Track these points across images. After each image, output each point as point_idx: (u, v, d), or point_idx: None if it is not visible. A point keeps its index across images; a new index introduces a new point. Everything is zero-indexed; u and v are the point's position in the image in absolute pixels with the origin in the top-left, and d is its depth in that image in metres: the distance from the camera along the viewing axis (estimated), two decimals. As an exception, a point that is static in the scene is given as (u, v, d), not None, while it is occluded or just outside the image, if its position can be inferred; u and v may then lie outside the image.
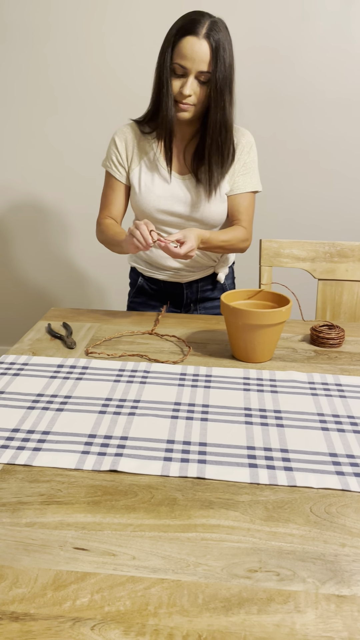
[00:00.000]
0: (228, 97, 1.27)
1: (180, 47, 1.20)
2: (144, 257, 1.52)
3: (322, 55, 2.13)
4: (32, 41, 2.20)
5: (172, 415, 0.93)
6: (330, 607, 0.57)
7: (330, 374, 1.10)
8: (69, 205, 2.45)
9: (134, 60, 2.19)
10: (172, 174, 1.39)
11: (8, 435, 0.86)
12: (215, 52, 1.20)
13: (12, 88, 2.28)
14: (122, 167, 1.41)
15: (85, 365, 1.11)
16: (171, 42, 1.22)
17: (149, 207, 1.39)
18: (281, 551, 0.64)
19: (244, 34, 2.10)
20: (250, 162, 1.40)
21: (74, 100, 2.28)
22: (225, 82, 1.24)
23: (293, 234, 2.37)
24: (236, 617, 0.55)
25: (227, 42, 1.22)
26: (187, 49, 1.19)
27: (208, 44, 1.19)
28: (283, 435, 0.88)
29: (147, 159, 1.40)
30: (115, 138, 1.41)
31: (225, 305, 1.11)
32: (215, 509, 0.71)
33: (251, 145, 1.40)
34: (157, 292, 1.57)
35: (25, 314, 2.68)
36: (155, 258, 1.48)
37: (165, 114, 1.29)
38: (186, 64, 1.21)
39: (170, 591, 0.58)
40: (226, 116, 1.29)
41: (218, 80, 1.22)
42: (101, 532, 0.67)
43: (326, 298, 1.62)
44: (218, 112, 1.27)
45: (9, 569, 0.61)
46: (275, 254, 1.62)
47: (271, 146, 2.26)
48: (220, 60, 1.20)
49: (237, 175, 1.39)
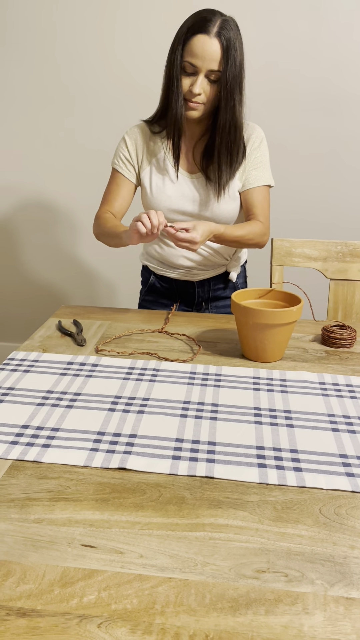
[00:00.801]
0: (238, 97, 1.26)
1: (191, 46, 1.20)
2: (156, 256, 1.52)
3: (337, 53, 2.11)
4: (40, 40, 2.21)
5: (181, 414, 0.93)
6: (339, 610, 0.56)
7: (342, 374, 1.09)
8: (80, 204, 2.46)
9: (143, 59, 2.19)
10: (182, 173, 1.39)
11: (17, 432, 0.86)
12: (226, 51, 1.19)
13: (22, 87, 2.29)
14: (130, 166, 1.42)
15: (95, 363, 1.12)
16: (182, 40, 1.21)
17: (160, 207, 1.39)
18: (290, 552, 0.64)
19: (256, 31, 2.09)
20: (261, 156, 1.39)
21: (84, 100, 2.28)
22: (236, 81, 1.23)
23: (305, 234, 2.35)
24: (243, 618, 0.55)
25: (238, 40, 1.22)
26: (197, 48, 1.19)
27: (219, 43, 1.18)
28: (293, 435, 0.87)
29: (157, 160, 1.40)
30: (125, 137, 1.42)
31: (235, 304, 1.11)
32: (223, 509, 0.71)
33: (261, 140, 1.40)
34: (168, 291, 1.57)
35: (36, 311, 2.70)
36: (167, 256, 1.48)
37: (174, 112, 1.28)
38: (196, 63, 1.20)
39: (177, 590, 0.58)
40: (236, 116, 1.28)
41: (228, 79, 1.22)
42: (109, 529, 0.67)
43: (338, 298, 1.61)
44: (228, 112, 1.27)
45: (17, 564, 0.61)
46: (286, 253, 1.61)
47: (283, 144, 2.25)
48: (230, 59, 1.20)
49: (249, 171, 1.38)
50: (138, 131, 1.41)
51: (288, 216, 2.36)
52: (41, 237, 2.55)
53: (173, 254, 1.47)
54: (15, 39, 2.23)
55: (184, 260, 1.47)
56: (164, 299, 1.58)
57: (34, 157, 2.40)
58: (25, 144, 2.39)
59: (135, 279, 1.80)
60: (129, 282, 2.52)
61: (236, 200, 1.40)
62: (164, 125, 1.37)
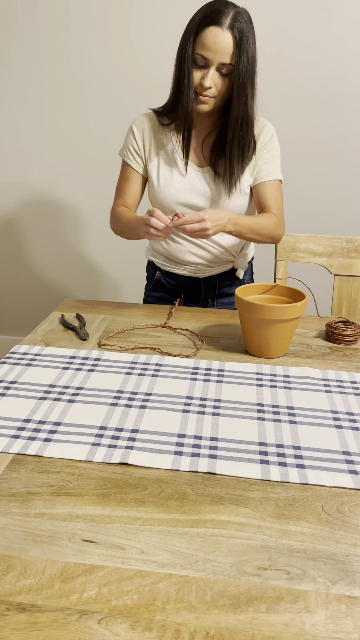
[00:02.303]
0: (250, 90, 1.24)
1: (203, 38, 1.17)
2: (162, 252, 1.51)
3: (347, 48, 2.09)
4: (48, 34, 2.19)
5: (183, 409, 0.93)
6: (341, 608, 0.56)
7: (345, 371, 1.09)
8: (84, 198, 2.45)
9: (146, 53, 2.17)
10: (191, 167, 1.38)
11: (19, 426, 0.86)
12: (239, 44, 1.17)
13: (28, 82, 2.28)
14: (139, 157, 1.40)
15: (98, 357, 1.11)
16: (193, 31, 1.19)
17: (167, 199, 1.38)
18: (292, 549, 0.63)
19: (266, 25, 2.07)
20: (272, 151, 1.38)
21: (90, 95, 2.26)
22: (248, 75, 1.21)
23: (310, 229, 2.34)
24: (244, 615, 0.55)
25: (251, 33, 1.19)
26: (209, 40, 1.17)
27: (232, 35, 1.16)
28: (296, 432, 0.87)
29: (165, 152, 1.38)
30: (133, 127, 1.40)
31: (239, 300, 1.10)
32: (225, 505, 0.70)
33: (272, 135, 1.38)
34: (174, 287, 1.56)
35: (39, 305, 2.69)
36: (174, 252, 1.47)
37: (185, 106, 1.26)
38: (208, 55, 1.18)
39: (178, 587, 0.58)
40: (248, 110, 1.26)
41: (241, 73, 1.19)
42: (110, 525, 0.66)
43: (342, 294, 1.60)
44: (240, 106, 1.25)
45: (17, 559, 0.61)
46: (291, 248, 1.60)
47: (289, 139, 2.23)
48: (243, 53, 1.18)
49: (260, 165, 1.37)
50: (146, 121, 1.40)
51: (293, 211, 2.34)
52: (45, 231, 2.54)
53: (180, 250, 1.46)
54: (25, 34, 2.21)
55: (191, 256, 1.46)
56: (169, 295, 1.57)
57: (38, 152, 2.40)
58: (29, 139, 2.38)
59: (140, 274, 1.79)
60: (134, 277, 2.51)
61: (246, 196, 1.39)
62: (173, 118, 1.35)
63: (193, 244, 1.44)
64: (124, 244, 2.40)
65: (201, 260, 1.47)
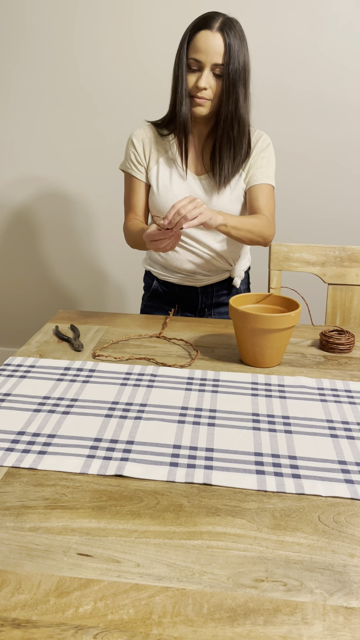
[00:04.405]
0: (242, 91, 1.27)
1: (195, 42, 1.23)
2: (159, 261, 1.51)
3: (337, 57, 2.12)
4: (59, 38, 2.21)
5: (178, 420, 0.92)
6: (339, 619, 0.55)
7: (340, 379, 1.09)
8: (84, 207, 2.45)
9: (159, 57, 2.19)
10: (189, 174, 1.40)
11: (13, 438, 0.86)
12: (229, 45, 1.21)
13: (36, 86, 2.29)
14: (141, 166, 1.42)
15: (92, 368, 1.11)
16: (186, 38, 1.24)
17: (167, 206, 1.39)
18: (288, 561, 0.63)
19: (256, 34, 2.10)
20: (267, 157, 1.40)
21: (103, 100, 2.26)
22: (238, 75, 1.24)
23: (303, 238, 2.35)
24: (242, 628, 0.54)
25: (242, 39, 1.24)
26: (201, 42, 1.22)
27: (221, 37, 1.21)
28: (291, 441, 0.87)
29: (165, 159, 1.40)
30: (132, 138, 1.42)
31: (233, 309, 1.10)
32: (221, 516, 0.70)
33: (268, 145, 1.41)
34: (171, 296, 1.56)
35: (33, 317, 2.69)
36: (171, 261, 1.48)
37: (180, 110, 1.29)
38: (200, 57, 1.23)
39: (174, 600, 0.57)
40: (239, 110, 1.29)
41: (231, 72, 1.23)
42: (105, 538, 0.66)
43: (336, 303, 1.61)
44: (230, 105, 1.27)
45: (11, 574, 0.60)
46: (284, 257, 1.61)
47: (283, 148, 2.25)
48: (233, 53, 1.22)
49: (254, 169, 1.39)
50: (145, 131, 1.42)
51: (286, 221, 2.36)
52: (42, 242, 2.54)
53: (177, 259, 1.46)
54: (36, 38, 2.23)
55: (188, 264, 1.46)
56: (166, 304, 1.58)
57: (33, 160, 2.40)
58: (24, 150, 2.38)
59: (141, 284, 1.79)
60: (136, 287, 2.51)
61: (240, 201, 1.41)
62: (172, 128, 1.38)
63: (190, 252, 1.44)
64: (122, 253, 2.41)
65: (198, 268, 1.47)
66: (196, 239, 1.43)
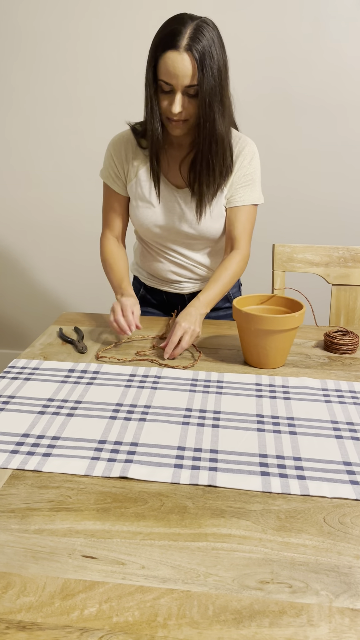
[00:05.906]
0: (218, 108, 1.16)
1: (162, 64, 1.11)
2: (146, 268, 1.51)
3: (336, 57, 2.11)
4: (59, 38, 2.22)
5: (183, 421, 0.92)
6: (345, 621, 0.55)
7: (344, 380, 1.08)
8: (82, 210, 2.46)
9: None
10: (169, 187, 1.33)
11: (18, 440, 0.86)
12: (200, 63, 1.09)
13: (36, 86, 2.29)
14: (119, 179, 1.36)
15: (96, 370, 1.11)
16: (153, 58, 1.14)
17: (146, 221, 1.35)
18: (294, 562, 0.63)
19: (256, 34, 2.10)
20: (251, 173, 1.32)
21: (103, 100, 2.27)
22: (214, 92, 1.13)
23: (306, 239, 2.35)
24: (247, 630, 0.54)
25: (214, 46, 1.11)
26: (169, 66, 1.10)
27: (190, 57, 1.08)
28: (296, 442, 0.86)
29: (145, 170, 1.33)
30: (111, 149, 1.36)
31: (237, 310, 1.10)
32: (226, 518, 0.70)
33: (253, 155, 1.32)
34: (159, 302, 1.55)
35: (37, 319, 2.69)
36: (156, 270, 1.46)
37: (151, 134, 1.22)
38: (171, 81, 1.12)
39: (180, 602, 0.57)
40: (217, 129, 1.18)
41: (205, 92, 1.12)
42: (110, 540, 0.66)
43: (340, 303, 1.60)
44: (207, 127, 1.17)
45: (17, 576, 0.60)
46: (288, 258, 1.60)
47: (284, 149, 2.25)
48: (206, 71, 1.10)
49: (237, 187, 1.32)
50: (123, 142, 1.34)
51: (289, 222, 2.36)
52: (45, 244, 2.55)
53: (161, 269, 1.45)
54: (47, 41, 2.23)
55: (172, 275, 1.45)
56: (154, 309, 1.56)
57: (34, 164, 2.41)
58: (25, 153, 2.39)
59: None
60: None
61: (222, 218, 1.34)
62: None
63: (174, 264, 1.43)
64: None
65: (183, 278, 1.46)
66: (179, 252, 1.40)
